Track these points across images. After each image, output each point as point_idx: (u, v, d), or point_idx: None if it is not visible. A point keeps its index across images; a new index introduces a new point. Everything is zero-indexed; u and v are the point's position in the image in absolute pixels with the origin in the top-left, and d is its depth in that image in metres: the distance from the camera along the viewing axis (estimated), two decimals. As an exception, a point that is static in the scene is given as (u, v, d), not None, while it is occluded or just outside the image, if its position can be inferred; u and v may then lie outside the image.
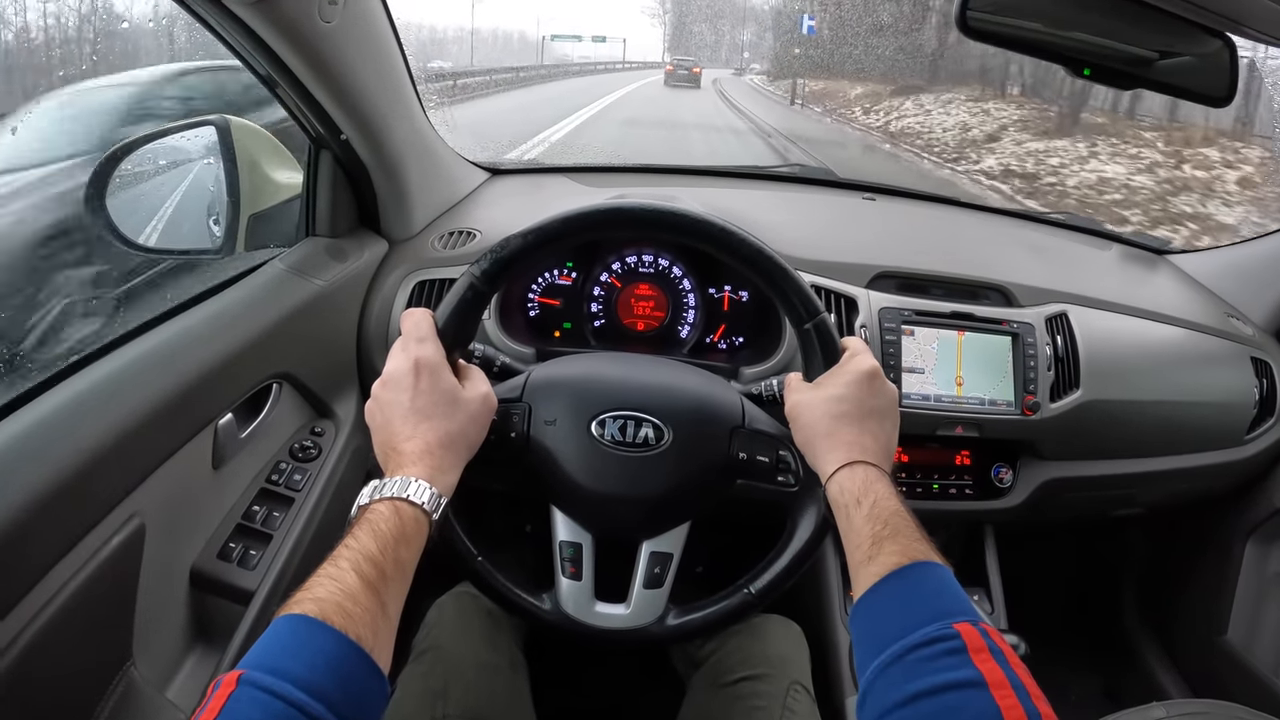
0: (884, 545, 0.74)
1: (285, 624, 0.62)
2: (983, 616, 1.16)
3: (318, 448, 1.20)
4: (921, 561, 0.72)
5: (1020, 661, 0.63)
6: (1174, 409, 1.46)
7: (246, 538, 1.08)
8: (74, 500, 0.80)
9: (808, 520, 0.94)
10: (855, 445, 0.84)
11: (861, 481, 0.81)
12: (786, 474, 0.95)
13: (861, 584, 0.73)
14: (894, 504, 0.78)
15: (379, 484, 0.77)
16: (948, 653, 0.63)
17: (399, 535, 0.72)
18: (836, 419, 0.86)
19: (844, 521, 0.80)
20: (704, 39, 63.26)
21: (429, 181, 1.41)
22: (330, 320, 1.25)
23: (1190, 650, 1.77)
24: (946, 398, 1.33)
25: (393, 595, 0.69)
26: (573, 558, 0.95)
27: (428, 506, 0.76)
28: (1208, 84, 0.94)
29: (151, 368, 0.94)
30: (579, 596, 0.95)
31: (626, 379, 0.98)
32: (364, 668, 0.62)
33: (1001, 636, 0.65)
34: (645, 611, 0.95)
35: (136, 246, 1.20)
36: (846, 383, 0.88)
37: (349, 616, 0.62)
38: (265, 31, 0.91)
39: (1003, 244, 1.69)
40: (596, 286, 1.41)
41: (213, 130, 1.23)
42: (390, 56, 1.17)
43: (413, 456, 0.79)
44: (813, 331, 0.93)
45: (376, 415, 0.84)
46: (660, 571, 0.95)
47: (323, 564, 0.68)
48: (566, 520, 0.95)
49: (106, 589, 0.86)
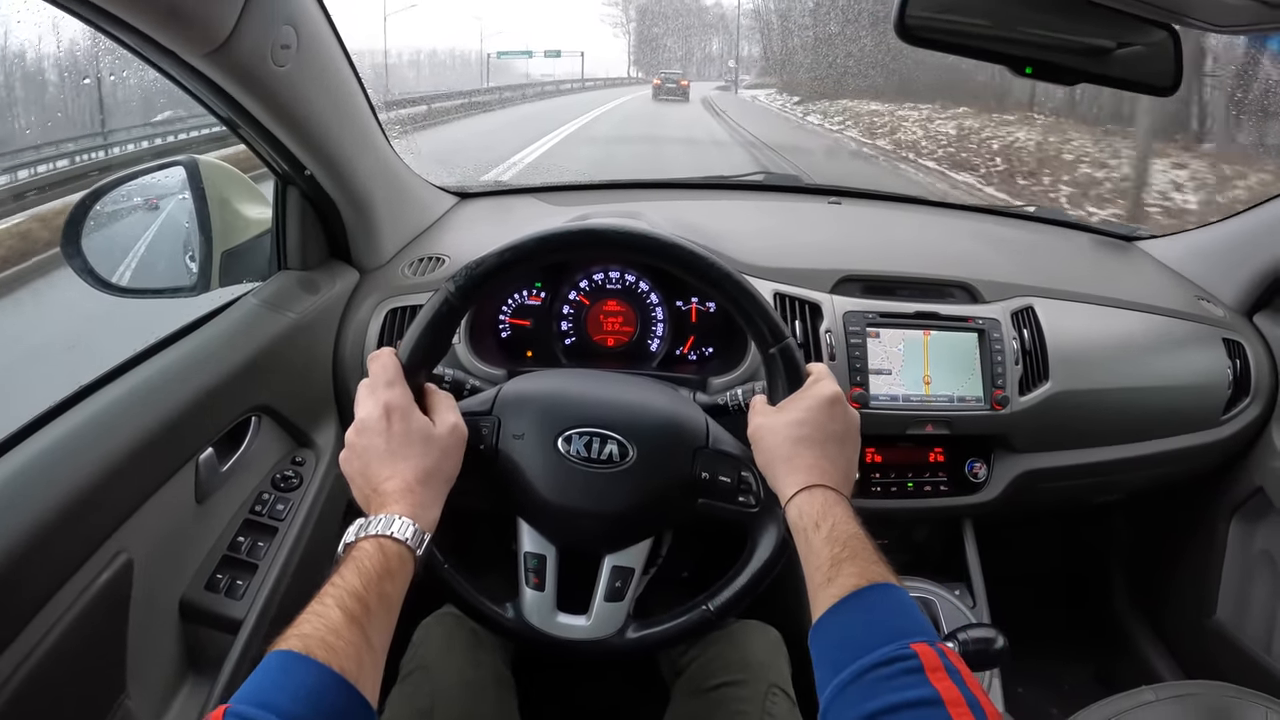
0: (842, 567, 0.76)
1: (273, 659, 0.64)
2: (959, 622, 1.19)
3: (299, 477, 1.22)
4: (879, 583, 0.74)
5: (976, 681, 0.64)
6: (1147, 394, 1.47)
7: (233, 568, 1.10)
8: (62, 540, 0.83)
9: (767, 541, 0.96)
10: (815, 469, 0.86)
11: (820, 505, 0.82)
12: (747, 494, 0.97)
13: (820, 605, 0.75)
14: (852, 527, 0.80)
15: (363, 522, 0.79)
16: (905, 672, 0.64)
17: (382, 571, 0.74)
18: (796, 443, 0.88)
19: (803, 544, 0.82)
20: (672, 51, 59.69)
21: (396, 210, 1.43)
22: (305, 351, 1.27)
23: (1181, 632, 1.78)
24: (915, 397, 1.35)
25: (377, 629, 0.71)
26: (536, 569, 0.97)
27: (411, 542, 0.78)
28: (1154, 74, 0.95)
29: (131, 408, 0.96)
30: (541, 607, 0.97)
31: (593, 396, 1.01)
32: (347, 698, 0.64)
33: (958, 656, 0.66)
34: (605, 624, 0.97)
35: (113, 288, 1.22)
36: (808, 407, 0.90)
37: (333, 650, 0.65)
38: (221, 79, 0.93)
39: (968, 240, 1.71)
40: (565, 305, 1.43)
41: (182, 170, 1.26)
42: (347, 92, 1.18)
43: (394, 495, 0.82)
44: (778, 356, 0.95)
45: (353, 462, 0.87)
46: (621, 585, 0.97)
47: (310, 602, 0.70)
48: (531, 532, 0.98)
49: (98, 624, 0.88)
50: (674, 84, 29.80)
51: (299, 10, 0.98)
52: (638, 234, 0.96)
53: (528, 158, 12.43)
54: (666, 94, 28.67)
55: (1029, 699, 1.74)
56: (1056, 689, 1.77)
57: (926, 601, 1.37)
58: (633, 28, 64.63)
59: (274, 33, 0.93)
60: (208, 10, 0.83)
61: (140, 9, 0.77)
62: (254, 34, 0.89)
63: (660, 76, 31.93)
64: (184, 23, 0.82)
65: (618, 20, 69.98)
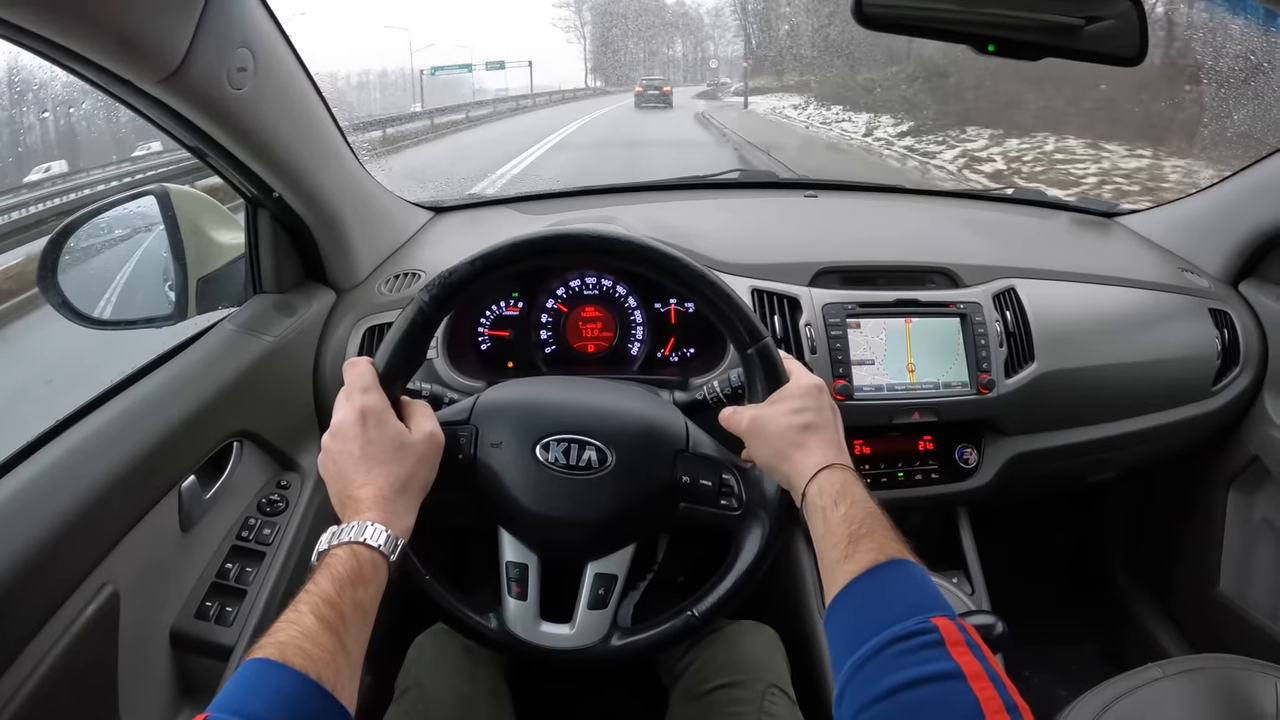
0: (860, 544, 0.75)
1: (249, 667, 0.64)
2: (959, 610, 1.18)
3: (285, 500, 1.22)
4: (896, 559, 0.73)
5: (995, 657, 0.64)
6: (1136, 370, 1.47)
7: (222, 595, 1.10)
8: (46, 574, 0.83)
9: (751, 544, 0.95)
10: (828, 448, 0.87)
11: (840, 483, 0.82)
12: (729, 498, 0.96)
13: (837, 582, 0.74)
14: (870, 505, 0.80)
15: (336, 530, 0.79)
16: (925, 646, 0.64)
17: (355, 577, 0.74)
18: (804, 428, 0.88)
19: (819, 522, 0.81)
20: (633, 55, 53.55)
21: (369, 228, 1.42)
22: (284, 374, 1.27)
23: (1185, 606, 1.78)
24: (899, 386, 1.34)
25: (353, 635, 0.71)
26: (518, 578, 0.97)
27: (384, 549, 0.78)
28: (1120, 46, 0.95)
29: (109, 439, 0.96)
30: (524, 616, 0.97)
31: (571, 402, 1.00)
32: (324, 704, 0.64)
33: (977, 633, 0.66)
34: (589, 632, 0.97)
35: (92, 321, 1.22)
36: (801, 395, 0.91)
37: (308, 656, 0.65)
38: (179, 105, 0.92)
39: (946, 226, 1.70)
40: (544, 314, 1.43)
41: (153, 199, 1.26)
42: (310, 112, 1.18)
43: (368, 502, 0.82)
44: (755, 356, 0.94)
45: (329, 466, 0.87)
46: (604, 593, 0.97)
47: (285, 609, 0.70)
48: (513, 541, 0.97)
49: (87, 656, 0.88)
50: (656, 90, 28.96)
51: (254, 33, 0.98)
52: (611, 237, 0.96)
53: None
54: (648, 102, 27.99)
55: (1037, 682, 1.73)
56: (1064, 670, 1.76)
57: (924, 590, 1.36)
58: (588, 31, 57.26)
59: (229, 56, 0.93)
60: (159, 37, 0.82)
61: (90, 40, 0.77)
62: (208, 59, 0.89)
63: (642, 84, 30.71)
64: (136, 51, 0.81)
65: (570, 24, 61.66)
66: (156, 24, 0.81)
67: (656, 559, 1.34)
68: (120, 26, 0.77)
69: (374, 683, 1.34)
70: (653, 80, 31.65)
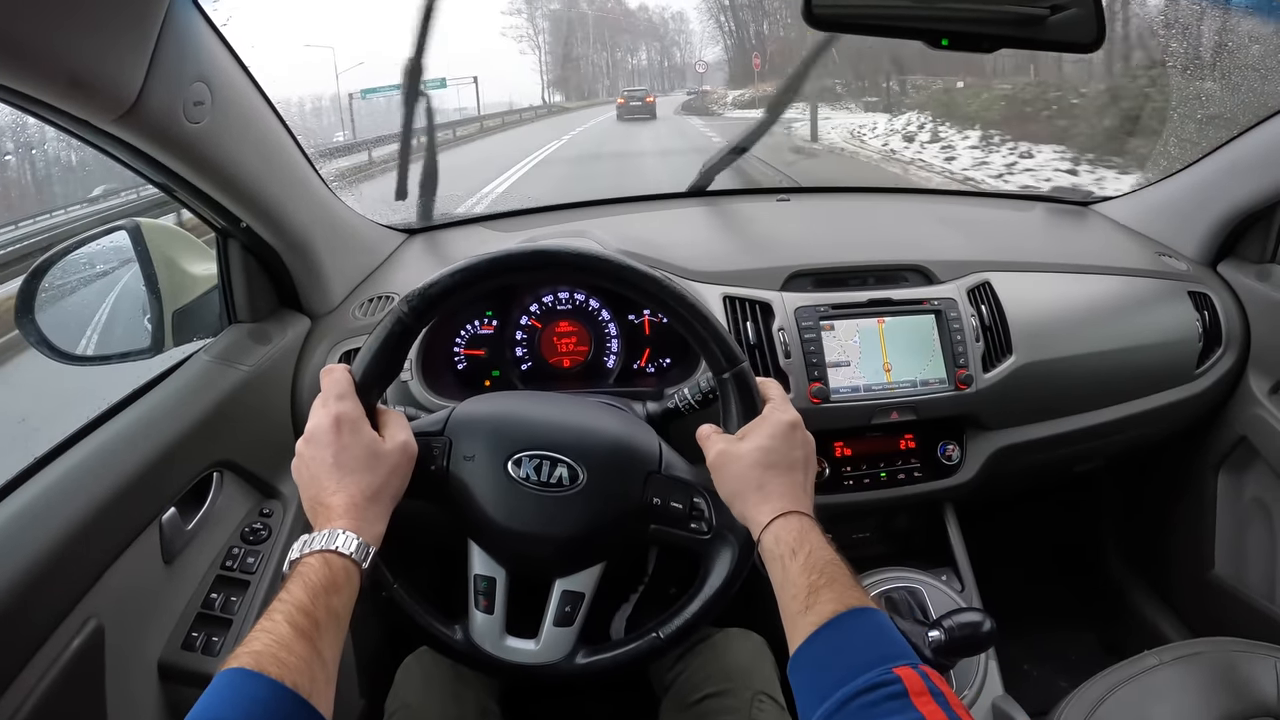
0: (820, 594, 0.75)
1: (224, 678, 0.64)
2: (948, 607, 1.18)
3: (268, 529, 1.22)
4: (857, 608, 0.73)
5: (960, 702, 0.64)
6: (1117, 357, 1.47)
7: (208, 625, 1.10)
8: (27, 611, 0.83)
9: (719, 569, 0.95)
10: (787, 496, 0.86)
11: (796, 531, 0.82)
12: (700, 521, 0.96)
13: (799, 634, 0.74)
14: (829, 553, 0.80)
15: (308, 538, 0.80)
16: (889, 697, 0.64)
17: (329, 585, 0.75)
18: (765, 470, 0.87)
19: (779, 572, 0.80)
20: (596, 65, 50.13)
21: (340, 252, 1.42)
22: (262, 403, 1.27)
23: (1182, 590, 1.77)
24: (876, 386, 1.34)
25: (328, 642, 0.72)
26: (486, 591, 0.97)
27: (356, 556, 0.78)
28: (1078, 34, 0.96)
29: (87, 474, 0.96)
30: (490, 630, 0.97)
31: (545, 419, 1.00)
32: (301, 713, 0.64)
33: (940, 677, 0.66)
34: (554, 649, 0.97)
35: (70, 357, 1.22)
36: (771, 434, 0.89)
37: (284, 665, 0.65)
38: (137, 142, 0.93)
39: (919, 223, 1.70)
40: (518, 330, 1.43)
41: (125, 235, 1.26)
42: (273, 140, 1.18)
43: (339, 510, 0.82)
44: (731, 381, 0.94)
45: (302, 471, 0.87)
46: (571, 610, 0.97)
47: (259, 619, 0.70)
48: (481, 554, 0.97)
49: (74, 692, 0.88)
50: (639, 101, 28.55)
51: (210, 66, 0.98)
52: (590, 255, 0.96)
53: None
54: (631, 113, 27.46)
55: (1036, 674, 1.73)
56: (1064, 662, 1.76)
57: (912, 590, 1.36)
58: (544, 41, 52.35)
59: (184, 91, 0.93)
60: (111, 75, 0.82)
61: (39, 83, 0.77)
62: (163, 94, 0.89)
63: (624, 95, 30.06)
64: (88, 90, 0.81)
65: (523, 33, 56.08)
66: (108, 62, 0.81)
67: (648, 572, 1.34)
68: (70, 67, 0.77)
69: (365, 705, 1.35)
70: (635, 92, 30.93)
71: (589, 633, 0.99)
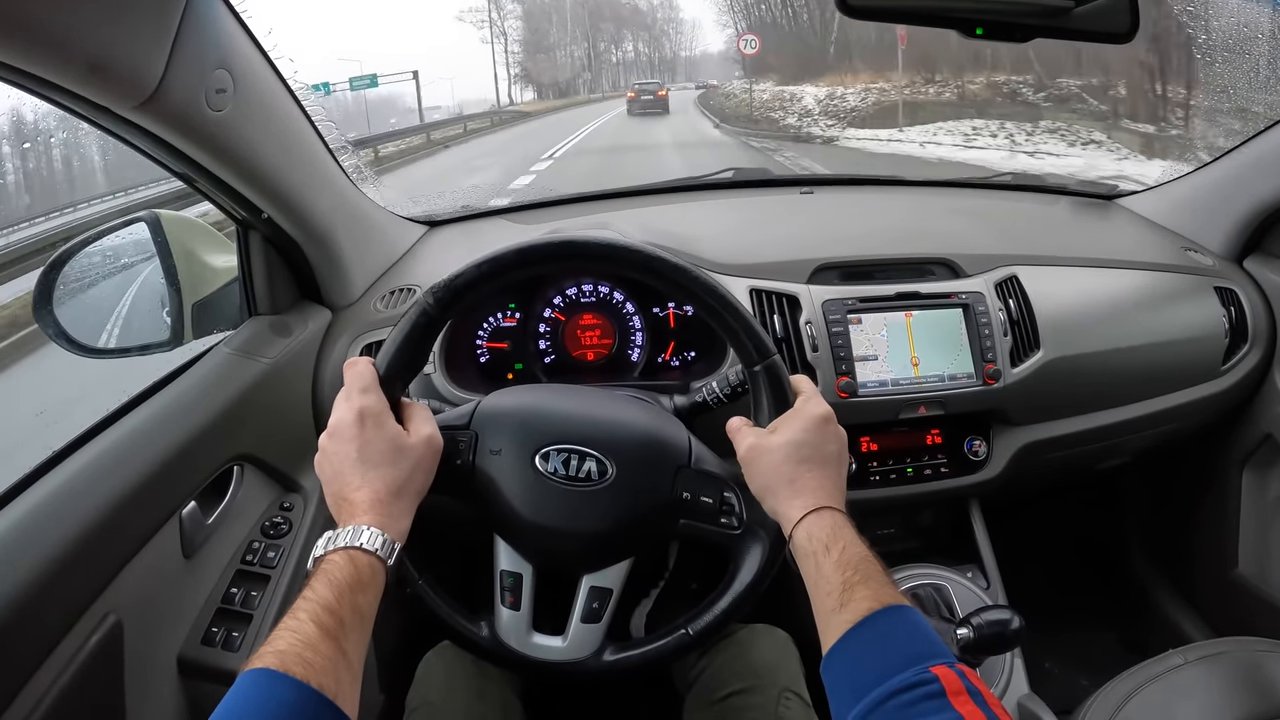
0: (855, 591, 0.74)
1: (248, 678, 0.63)
2: (974, 605, 1.17)
3: (288, 523, 1.21)
4: (892, 605, 0.72)
5: (997, 700, 0.63)
6: (1143, 353, 1.45)
7: (228, 620, 1.10)
8: (46, 606, 0.82)
9: (749, 564, 0.94)
10: (820, 491, 0.84)
11: (830, 527, 0.80)
12: (730, 516, 0.95)
13: (833, 632, 0.73)
14: (861, 549, 0.78)
15: (332, 535, 0.78)
16: (926, 697, 0.63)
17: (354, 583, 0.74)
18: (798, 465, 0.86)
19: (811, 569, 0.79)
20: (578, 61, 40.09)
21: (362, 244, 1.41)
22: (283, 395, 1.26)
23: (1204, 589, 1.75)
24: (904, 380, 1.32)
25: (353, 642, 0.71)
26: (512, 587, 0.96)
27: (381, 553, 0.77)
28: (1112, 23, 0.94)
29: (107, 468, 0.96)
30: (516, 626, 0.96)
31: (573, 412, 0.99)
32: (326, 714, 0.63)
33: (978, 677, 0.65)
34: (581, 645, 0.96)
35: (89, 350, 1.22)
36: (803, 428, 0.88)
37: (309, 666, 0.64)
38: (158, 130, 0.92)
39: (945, 216, 1.68)
40: (541, 323, 1.42)
41: (145, 226, 1.25)
42: (295, 130, 1.17)
43: (363, 506, 0.81)
44: (763, 374, 0.93)
45: (326, 466, 0.86)
46: (599, 606, 0.96)
47: (283, 617, 0.69)
48: (508, 550, 0.96)
49: (93, 688, 0.88)
50: (650, 95, 27.05)
51: (232, 54, 0.97)
52: (618, 246, 0.94)
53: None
54: (643, 107, 26.09)
55: (1058, 673, 1.71)
56: (1086, 660, 1.75)
57: (939, 587, 1.35)
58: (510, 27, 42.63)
59: (206, 78, 0.92)
60: (132, 62, 0.81)
61: (60, 68, 0.76)
62: (185, 81, 0.88)
63: (635, 88, 28.26)
64: (109, 77, 0.80)
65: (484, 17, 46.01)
66: (130, 48, 0.80)
67: (668, 567, 1.33)
68: (91, 52, 0.76)
69: (386, 701, 1.34)
70: (647, 85, 29.07)
71: (610, 630, 0.98)
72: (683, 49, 47.68)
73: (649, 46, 45.96)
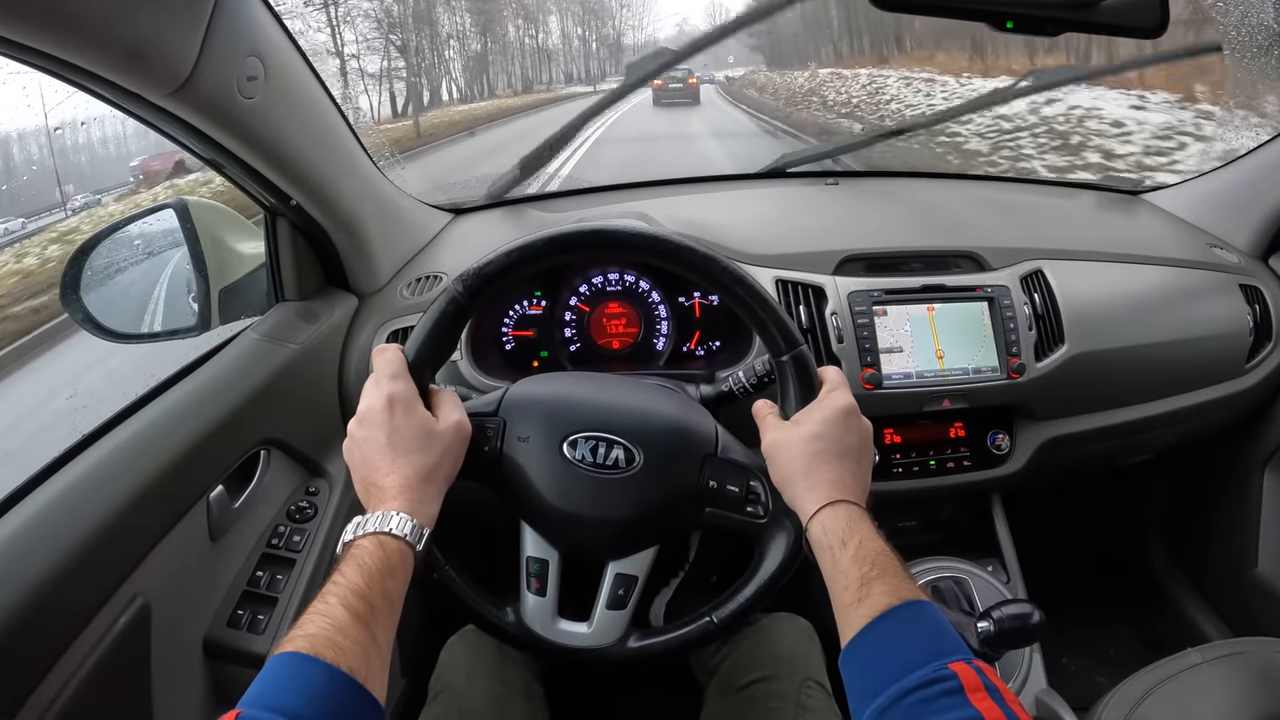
0: (872, 586, 0.74)
1: (279, 661, 0.63)
2: (994, 599, 1.17)
3: (314, 507, 1.22)
4: (910, 601, 0.72)
5: (1015, 697, 0.63)
6: (1167, 349, 1.44)
7: (253, 603, 1.11)
8: (76, 587, 0.83)
9: (774, 553, 0.94)
10: (836, 484, 0.84)
11: (845, 521, 0.80)
12: (756, 505, 0.95)
13: (851, 627, 0.73)
14: (878, 544, 0.78)
15: (361, 520, 0.79)
16: (945, 693, 0.63)
17: (384, 568, 0.74)
18: (814, 457, 0.86)
19: (829, 563, 0.79)
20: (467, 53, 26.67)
21: (389, 231, 1.42)
22: (310, 381, 1.26)
23: (1223, 589, 1.75)
24: (929, 373, 1.32)
25: (382, 627, 0.71)
26: (538, 573, 0.96)
27: (410, 538, 0.78)
28: (1141, 17, 0.94)
29: (136, 452, 0.97)
30: (542, 612, 0.96)
31: (601, 400, 0.99)
32: (357, 699, 0.64)
33: (996, 674, 0.65)
34: (607, 632, 0.96)
35: (116, 335, 1.23)
36: (824, 420, 0.88)
37: (340, 650, 0.64)
38: (190, 116, 0.92)
39: (970, 209, 1.67)
40: (567, 311, 1.42)
41: (172, 214, 1.26)
42: (324, 118, 1.17)
43: (393, 491, 0.81)
44: (790, 363, 0.93)
45: (355, 453, 0.87)
46: (624, 593, 0.96)
47: (313, 601, 0.70)
48: (535, 536, 0.97)
49: (120, 669, 0.89)
50: (680, 83, 23.38)
51: (263, 41, 0.97)
52: (647, 235, 0.94)
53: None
54: (670, 97, 22.64)
55: (1075, 669, 1.71)
56: (1102, 657, 1.75)
57: (959, 580, 1.35)
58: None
59: (238, 65, 0.92)
60: (166, 49, 0.82)
61: (95, 54, 0.77)
62: (217, 68, 0.89)
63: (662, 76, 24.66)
64: (143, 64, 0.81)
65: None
66: (163, 35, 0.81)
67: (689, 557, 1.33)
68: (126, 39, 0.77)
69: (408, 685, 1.35)
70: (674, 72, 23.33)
71: (633, 618, 0.98)
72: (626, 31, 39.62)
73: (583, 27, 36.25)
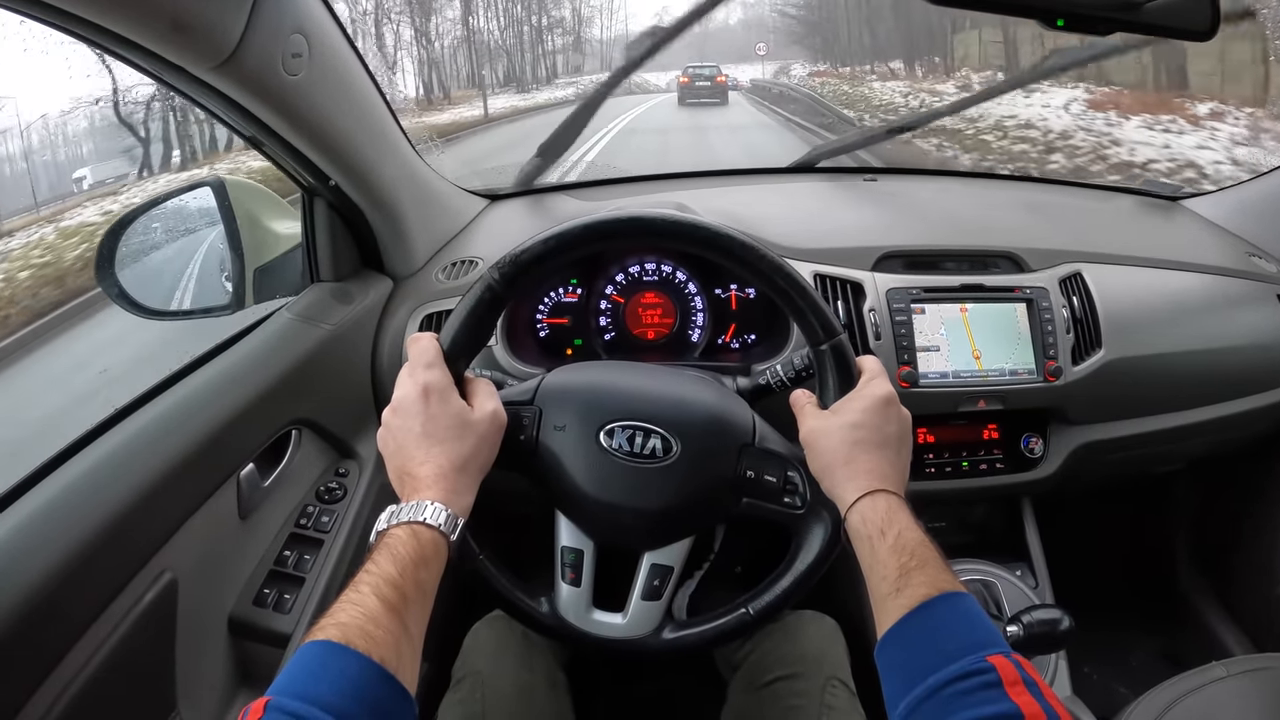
0: (911, 577, 0.73)
1: (310, 650, 0.63)
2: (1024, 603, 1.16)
3: (343, 488, 1.22)
4: (949, 592, 0.72)
5: (1053, 692, 0.62)
6: (1204, 357, 1.42)
7: (280, 582, 1.11)
8: (105, 561, 0.83)
9: (811, 544, 0.93)
10: (875, 473, 0.84)
11: (885, 511, 0.80)
12: (793, 495, 0.94)
13: (889, 617, 0.73)
14: (917, 534, 0.78)
15: (395, 509, 0.79)
16: (983, 686, 0.62)
17: (418, 558, 0.74)
18: (854, 446, 0.85)
19: (867, 553, 0.79)
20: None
21: (426, 216, 1.41)
22: (343, 362, 1.26)
23: (1248, 604, 1.72)
24: (965, 372, 1.31)
25: (414, 617, 0.71)
26: (573, 564, 0.96)
27: (444, 528, 0.77)
28: (1190, 20, 0.92)
29: (168, 427, 0.96)
30: (577, 603, 0.96)
31: (638, 389, 0.98)
32: (389, 689, 0.63)
33: (1033, 667, 0.65)
34: (641, 623, 0.96)
35: (149, 312, 1.23)
36: (863, 409, 0.88)
37: (372, 639, 0.64)
38: (234, 92, 0.92)
39: (1009, 210, 1.66)
40: (603, 300, 1.41)
41: (209, 191, 1.26)
42: (365, 99, 1.17)
43: (427, 480, 0.81)
44: (829, 353, 0.92)
45: (389, 442, 0.86)
46: (659, 584, 0.96)
47: (345, 589, 0.69)
48: (570, 526, 0.96)
49: (145, 643, 0.89)
50: (707, 81, 22.42)
51: (308, 18, 0.97)
52: (686, 223, 0.93)
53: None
54: (696, 95, 21.65)
55: (1097, 678, 1.70)
56: (1125, 667, 1.73)
57: (988, 583, 1.34)
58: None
59: (283, 42, 0.92)
60: (212, 22, 0.82)
61: (143, 26, 0.77)
62: (263, 44, 0.88)
63: (688, 73, 22.80)
64: (189, 36, 0.81)
65: None
66: (210, 9, 0.81)
67: (713, 549, 1.33)
68: (173, 11, 0.77)
69: (431, 670, 1.35)
70: (701, 70, 23.35)
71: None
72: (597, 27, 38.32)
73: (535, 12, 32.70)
